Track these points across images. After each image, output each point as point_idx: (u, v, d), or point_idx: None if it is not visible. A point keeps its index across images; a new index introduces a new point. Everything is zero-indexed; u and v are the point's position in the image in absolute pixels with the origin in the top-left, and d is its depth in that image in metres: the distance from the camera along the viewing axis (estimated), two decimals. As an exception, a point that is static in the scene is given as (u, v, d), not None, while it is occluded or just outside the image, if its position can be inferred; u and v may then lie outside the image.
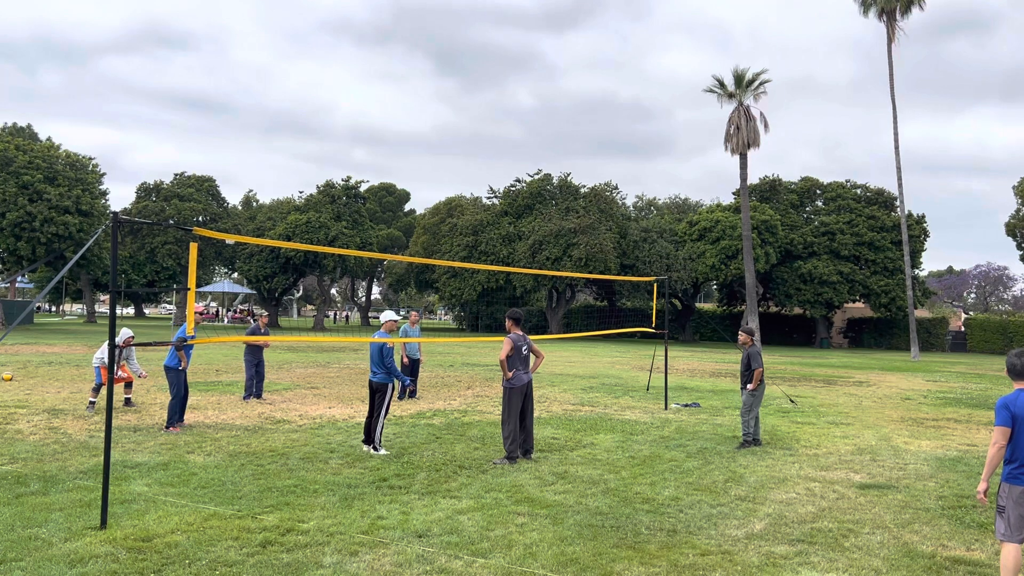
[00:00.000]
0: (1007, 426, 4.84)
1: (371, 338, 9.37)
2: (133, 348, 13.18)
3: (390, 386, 9.66)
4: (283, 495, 7.18)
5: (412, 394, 15.01)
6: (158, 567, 5.22)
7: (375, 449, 9.40)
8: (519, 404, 9.19)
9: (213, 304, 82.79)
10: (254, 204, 67.69)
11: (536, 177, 53.48)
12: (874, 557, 5.85)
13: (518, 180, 54.43)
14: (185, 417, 11.59)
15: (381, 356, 9.58)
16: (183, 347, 10.95)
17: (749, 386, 10.51)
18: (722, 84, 43.79)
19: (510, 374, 9.17)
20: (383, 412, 9.52)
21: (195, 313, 11.23)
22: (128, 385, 12.86)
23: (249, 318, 66.58)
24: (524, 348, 9.39)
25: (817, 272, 48.87)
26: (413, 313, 15.30)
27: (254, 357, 14.32)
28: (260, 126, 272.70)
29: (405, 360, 15.22)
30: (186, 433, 10.38)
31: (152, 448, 9.26)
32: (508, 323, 9.49)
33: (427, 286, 64.85)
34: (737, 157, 43.69)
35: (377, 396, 9.61)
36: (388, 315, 10.20)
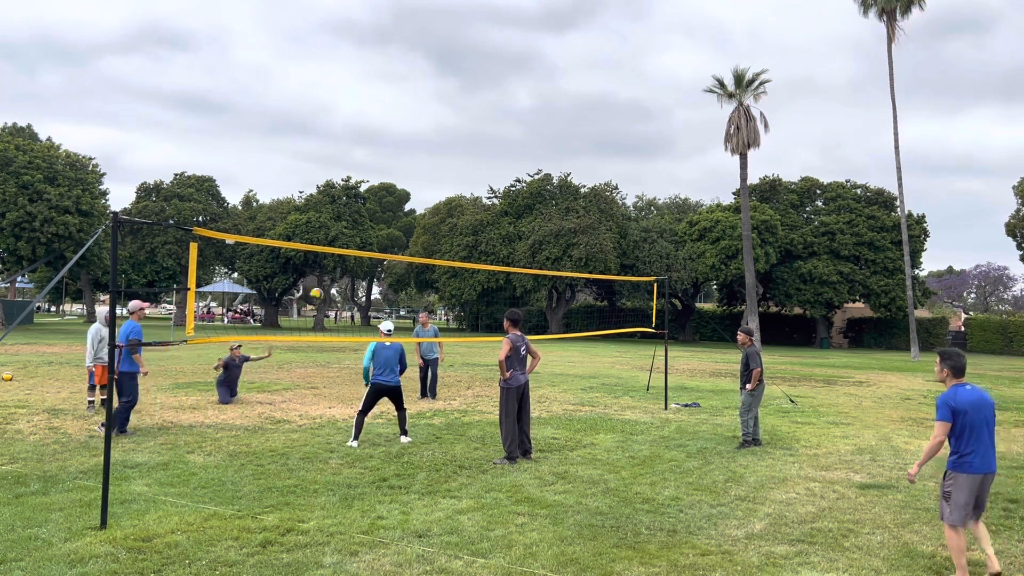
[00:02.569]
0: (949, 421, 5.35)
1: (369, 338, 9.50)
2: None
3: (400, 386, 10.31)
4: (283, 495, 7.18)
5: (432, 394, 15.07)
6: (158, 567, 5.22)
7: (405, 436, 10.20)
8: (515, 404, 9.22)
9: (213, 304, 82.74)
10: (254, 204, 67.64)
11: (536, 177, 53.48)
12: (874, 557, 5.85)
13: (518, 180, 54.46)
14: (185, 417, 11.57)
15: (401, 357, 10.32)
16: (137, 350, 10.16)
17: (748, 386, 10.50)
18: (722, 84, 43.79)
19: (507, 374, 9.19)
20: (404, 404, 10.37)
21: (139, 309, 10.67)
22: (104, 387, 11.91)
23: (248, 318, 66.57)
24: (523, 348, 9.43)
25: (817, 272, 48.86)
26: (423, 315, 15.44)
27: (227, 377, 13.60)
28: (260, 126, 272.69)
29: (420, 362, 15.24)
30: (186, 433, 10.37)
31: (152, 448, 9.26)
32: (506, 323, 9.51)
33: (427, 286, 64.85)
34: (737, 157, 43.70)
35: (396, 395, 10.14)
36: (387, 325, 10.58)
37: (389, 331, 10.34)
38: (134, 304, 10.76)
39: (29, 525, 6.04)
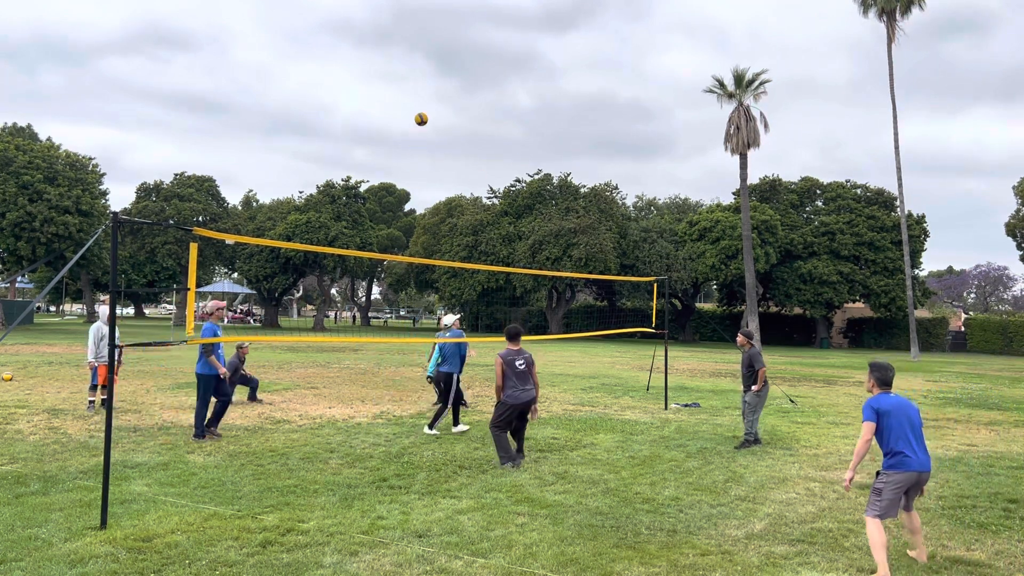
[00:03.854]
0: (873, 421, 5.62)
1: (370, 338, 9.56)
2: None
3: (455, 376, 11.07)
4: (283, 495, 7.18)
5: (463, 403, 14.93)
6: (158, 567, 5.22)
7: (430, 428, 10.82)
8: (512, 420, 8.81)
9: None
10: (254, 204, 67.64)
11: (536, 177, 53.48)
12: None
13: (518, 180, 54.47)
14: (185, 417, 11.55)
15: (458, 348, 11.14)
16: (213, 352, 10.06)
17: (754, 387, 10.45)
18: (722, 84, 43.78)
19: (500, 394, 8.75)
20: (451, 399, 10.94)
21: (217, 310, 10.54)
22: (104, 387, 11.80)
23: (248, 318, 66.53)
24: (519, 363, 8.80)
25: (817, 272, 48.87)
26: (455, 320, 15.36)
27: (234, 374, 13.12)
28: (260, 126, 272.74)
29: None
30: (186, 433, 10.36)
31: (152, 448, 9.26)
32: (505, 339, 9.14)
33: (427, 286, 64.87)
34: (737, 157, 43.68)
35: (445, 385, 10.96)
36: (451, 318, 11.61)
37: (447, 326, 11.32)
38: (212, 304, 10.53)
39: (29, 525, 6.03)
